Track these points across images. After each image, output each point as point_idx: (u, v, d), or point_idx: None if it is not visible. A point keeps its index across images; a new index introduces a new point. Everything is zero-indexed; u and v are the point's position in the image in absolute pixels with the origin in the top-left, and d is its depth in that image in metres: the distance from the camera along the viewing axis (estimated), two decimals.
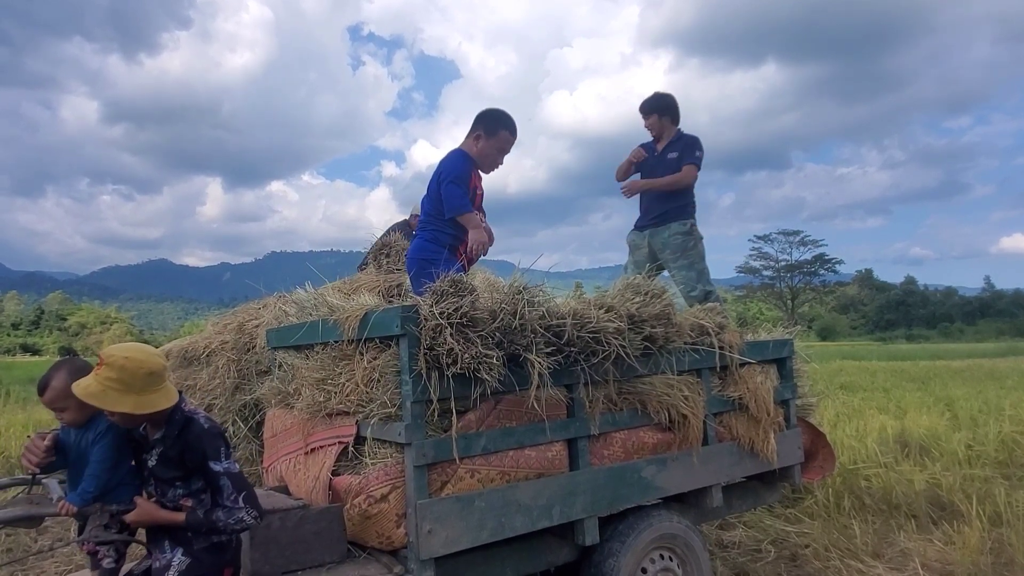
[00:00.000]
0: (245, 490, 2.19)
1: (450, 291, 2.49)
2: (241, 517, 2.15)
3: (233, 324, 4.28)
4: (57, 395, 2.18)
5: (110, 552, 2.27)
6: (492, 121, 3.52)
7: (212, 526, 2.14)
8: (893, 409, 9.06)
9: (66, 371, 2.19)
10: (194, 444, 2.15)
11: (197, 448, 2.15)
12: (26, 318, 76.23)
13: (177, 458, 2.17)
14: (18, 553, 4.47)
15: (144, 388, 2.06)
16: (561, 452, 2.86)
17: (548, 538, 2.92)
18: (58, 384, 2.18)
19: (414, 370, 2.43)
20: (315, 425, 2.88)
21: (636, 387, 3.11)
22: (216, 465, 2.15)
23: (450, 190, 3.37)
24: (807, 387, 4.26)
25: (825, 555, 4.29)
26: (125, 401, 2.03)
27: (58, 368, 2.23)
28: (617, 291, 3.12)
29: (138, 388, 2.05)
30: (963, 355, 27.78)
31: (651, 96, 5.07)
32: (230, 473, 2.17)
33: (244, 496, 2.17)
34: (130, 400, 2.04)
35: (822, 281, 77.15)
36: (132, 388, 2.04)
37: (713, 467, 3.40)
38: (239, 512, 2.15)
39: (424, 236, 3.50)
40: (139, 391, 2.05)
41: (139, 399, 2.05)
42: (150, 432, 2.22)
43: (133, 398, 2.04)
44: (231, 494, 2.16)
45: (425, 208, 3.55)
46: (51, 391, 2.19)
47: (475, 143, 3.50)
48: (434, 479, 2.51)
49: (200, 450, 2.15)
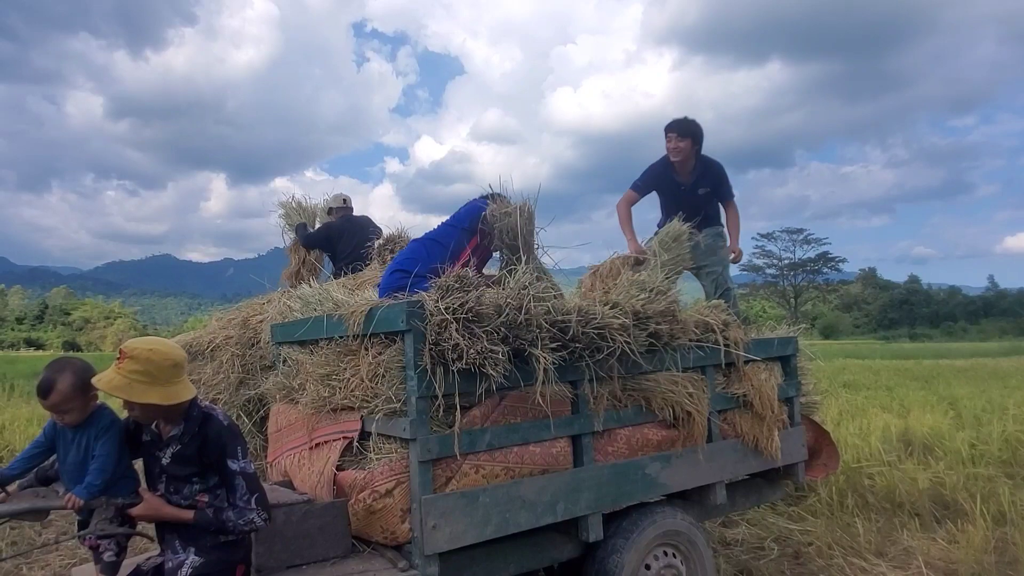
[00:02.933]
0: (258, 492, 2.20)
1: (456, 286, 2.49)
2: (252, 518, 2.16)
3: (237, 319, 4.28)
4: (63, 398, 2.15)
5: (111, 546, 2.27)
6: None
7: (221, 526, 2.14)
8: (897, 408, 9.05)
9: (71, 372, 2.16)
10: (214, 439, 2.16)
11: (217, 444, 2.16)
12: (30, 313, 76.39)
13: (195, 454, 2.17)
14: (23, 546, 4.49)
15: (169, 380, 2.09)
16: (565, 448, 2.86)
17: (552, 534, 2.92)
18: (64, 387, 2.14)
19: (419, 366, 2.43)
20: (320, 420, 2.88)
21: (641, 384, 3.11)
22: (234, 464, 2.17)
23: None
24: (811, 385, 4.26)
25: (828, 553, 4.29)
26: (151, 393, 2.05)
27: (61, 370, 2.17)
28: (622, 288, 3.11)
29: (163, 380, 2.07)
30: (967, 354, 27.71)
31: (686, 120, 4.74)
32: (245, 473, 2.18)
33: (256, 498, 2.18)
34: (156, 392, 2.06)
35: (825, 279, 76.93)
36: (158, 380, 2.06)
37: (717, 464, 3.40)
38: (250, 513, 2.16)
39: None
40: (164, 383, 2.07)
41: (165, 390, 2.07)
42: (163, 429, 2.22)
43: (159, 389, 2.06)
44: (244, 494, 2.17)
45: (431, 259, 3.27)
46: (57, 394, 2.14)
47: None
48: (439, 475, 2.51)
49: (220, 446, 2.16)
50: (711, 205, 4.87)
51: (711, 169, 4.81)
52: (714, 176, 4.80)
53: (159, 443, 2.22)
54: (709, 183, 4.79)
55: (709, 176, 4.79)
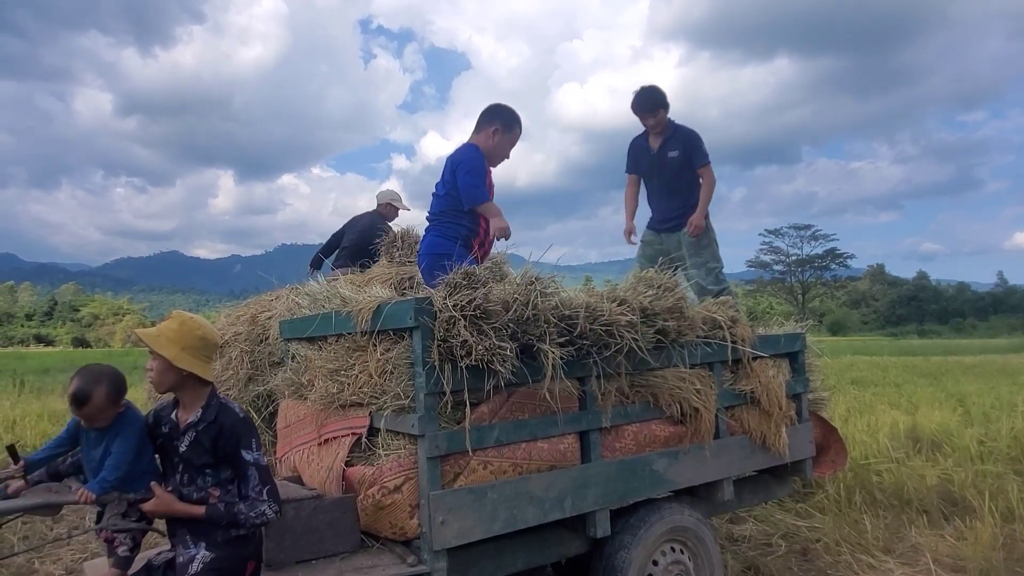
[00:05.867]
0: (269, 484, 2.22)
1: (464, 283, 2.49)
2: (263, 511, 2.17)
3: (246, 316, 4.30)
4: (97, 411, 2.20)
5: (126, 540, 2.29)
6: (509, 117, 3.59)
7: (233, 519, 2.16)
8: (905, 404, 9.03)
9: (107, 384, 2.20)
10: (229, 430, 2.20)
11: (232, 434, 2.19)
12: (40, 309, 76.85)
13: (210, 444, 2.19)
14: (35, 541, 4.53)
15: (192, 348, 2.19)
16: (573, 444, 2.87)
17: (560, 530, 2.93)
18: (99, 400, 2.18)
19: (427, 362, 2.44)
20: (328, 416, 2.89)
21: (648, 380, 3.11)
22: (247, 454, 2.20)
23: (469, 180, 3.38)
24: (819, 381, 4.25)
25: (836, 550, 4.28)
26: (169, 348, 2.16)
27: (97, 382, 2.20)
28: (630, 284, 3.12)
29: (184, 344, 2.17)
30: (975, 351, 27.59)
31: (648, 90, 4.74)
32: (259, 464, 2.21)
33: (268, 490, 2.20)
34: (173, 349, 2.16)
35: (833, 276, 76.58)
36: (179, 342, 2.17)
37: (724, 461, 3.40)
38: (262, 505, 2.18)
39: (437, 231, 3.50)
40: (183, 347, 2.17)
41: (180, 353, 2.16)
42: (182, 416, 2.25)
43: (176, 349, 2.16)
44: (256, 485, 2.19)
45: (437, 203, 3.54)
46: (92, 407, 2.18)
47: (491, 137, 3.54)
48: (447, 470, 2.53)
49: (235, 436, 2.19)
50: (684, 172, 4.77)
51: (681, 132, 4.75)
52: (684, 139, 4.73)
53: (177, 432, 2.25)
54: (678, 146, 4.73)
55: (678, 139, 4.73)
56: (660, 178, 4.81)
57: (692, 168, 4.77)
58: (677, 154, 4.73)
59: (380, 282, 4.03)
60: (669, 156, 4.75)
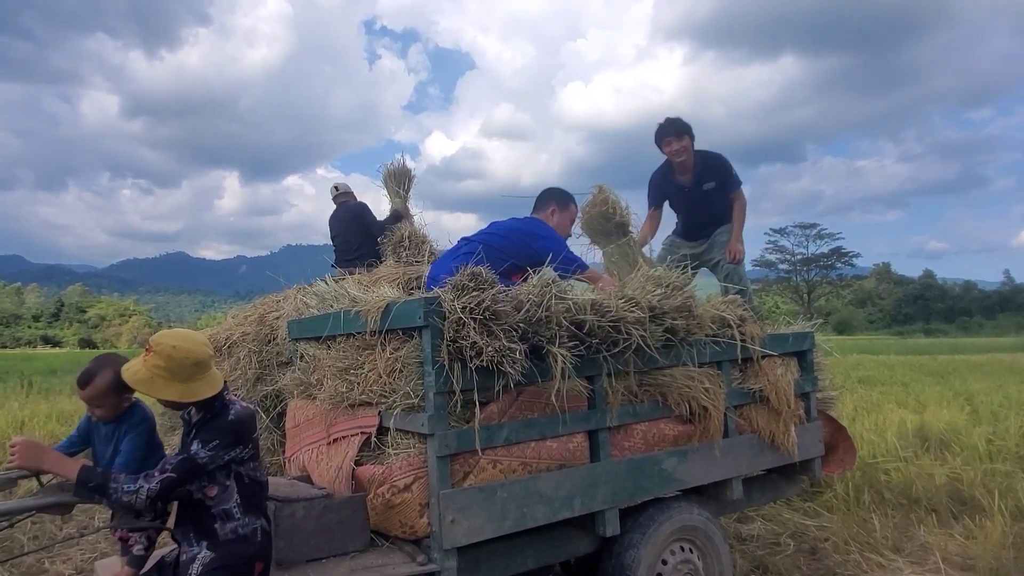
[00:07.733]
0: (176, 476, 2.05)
1: (470, 285, 2.48)
2: (137, 488, 2.01)
3: (254, 316, 4.32)
4: (99, 393, 2.21)
5: (141, 539, 2.30)
6: (561, 195, 3.83)
7: (102, 487, 2.02)
8: (912, 403, 9.00)
9: (112, 371, 2.20)
10: (207, 425, 2.14)
11: (203, 428, 2.13)
12: (46, 310, 77.19)
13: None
14: (44, 540, 4.55)
15: (190, 377, 2.09)
16: (582, 443, 2.87)
17: (569, 529, 2.93)
18: (102, 383, 2.20)
19: (437, 361, 2.44)
20: (337, 415, 2.90)
21: (657, 379, 3.11)
22: (196, 446, 2.08)
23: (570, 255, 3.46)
24: (827, 380, 4.24)
25: (845, 549, 4.28)
26: (171, 389, 2.07)
27: (104, 365, 2.22)
28: (638, 283, 3.11)
29: (184, 377, 2.08)
30: (982, 349, 27.48)
31: (675, 120, 4.61)
32: (191, 457, 2.07)
33: (165, 477, 2.04)
34: (175, 388, 2.07)
35: (839, 275, 76.21)
36: (178, 376, 2.08)
37: (733, 460, 3.39)
38: (143, 481, 2.02)
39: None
40: (184, 380, 2.09)
41: (184, 387, 2.09)
42: (194, 415, 2.24)
43: (179, 386, 2.08)
44: (163, 466, 2.06)
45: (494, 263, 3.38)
46: (94, 388, 2.21)
47: (551, 217, 3.71)
48: (457, 469, 2.53)
49: (204, 430, 2.11)
50: (721, 200, 4.75)
51: (712, 162, 4.68)
52: (717, 169, 4.68)
53: (190, 431, 2.23)
54: (713, 177, 4.67)
55: (711, 170, 4.67)
56: (699, 213, 4.76)
57: (725, 192, 4.76)
58: (713, 185, 4.69)
59: (387, 282, 4.04)
60: (705, 189, 4.70)
